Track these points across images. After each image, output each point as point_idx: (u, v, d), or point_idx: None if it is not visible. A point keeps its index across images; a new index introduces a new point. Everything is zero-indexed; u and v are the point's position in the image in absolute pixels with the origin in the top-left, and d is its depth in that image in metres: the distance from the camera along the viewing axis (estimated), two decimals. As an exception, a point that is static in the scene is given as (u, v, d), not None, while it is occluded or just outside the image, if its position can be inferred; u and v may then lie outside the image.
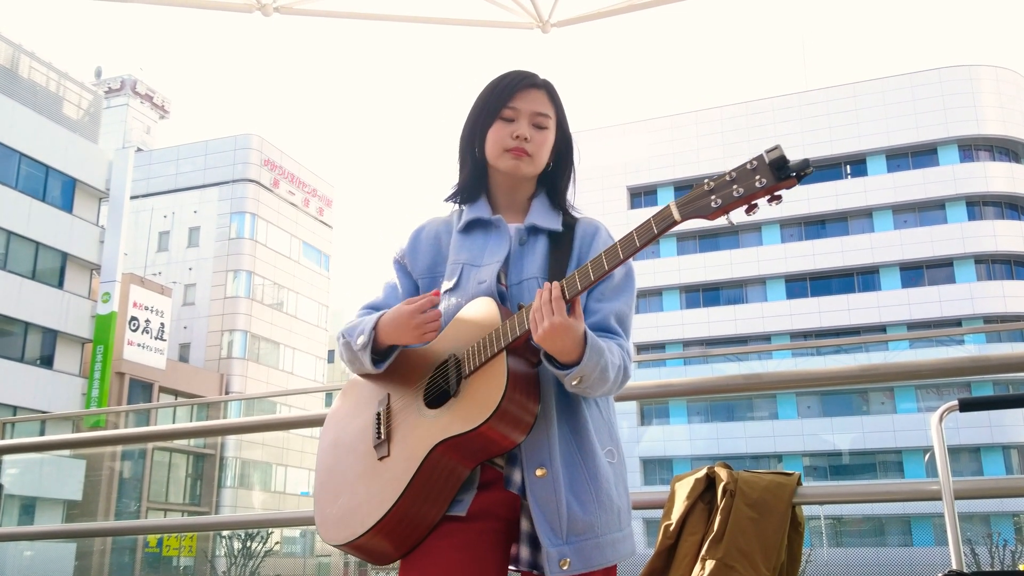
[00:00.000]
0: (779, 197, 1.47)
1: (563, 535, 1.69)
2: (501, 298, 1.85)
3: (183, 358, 39.51)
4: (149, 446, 31.35)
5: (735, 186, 1.48)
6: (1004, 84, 42.14)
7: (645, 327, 43.56)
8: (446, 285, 1.92)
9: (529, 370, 1.73)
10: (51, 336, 30.70)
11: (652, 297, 44.39)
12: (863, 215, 42.01)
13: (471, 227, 1.98)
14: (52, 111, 32.92)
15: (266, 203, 42.53)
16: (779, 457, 36.81)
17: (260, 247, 41.85)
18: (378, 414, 1.86)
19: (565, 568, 1.67)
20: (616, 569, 1.81)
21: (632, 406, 38.66)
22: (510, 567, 1.79)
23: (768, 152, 1.45)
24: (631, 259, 1.65)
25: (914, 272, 40.49)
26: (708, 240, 44.18)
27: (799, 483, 2.74)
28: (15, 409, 28.38)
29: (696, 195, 1.52)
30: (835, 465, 38.14)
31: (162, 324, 34.60)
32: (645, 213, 45.17)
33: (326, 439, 1.99)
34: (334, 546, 1.82)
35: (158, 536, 29.13)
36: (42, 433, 25.01)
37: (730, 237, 43.94)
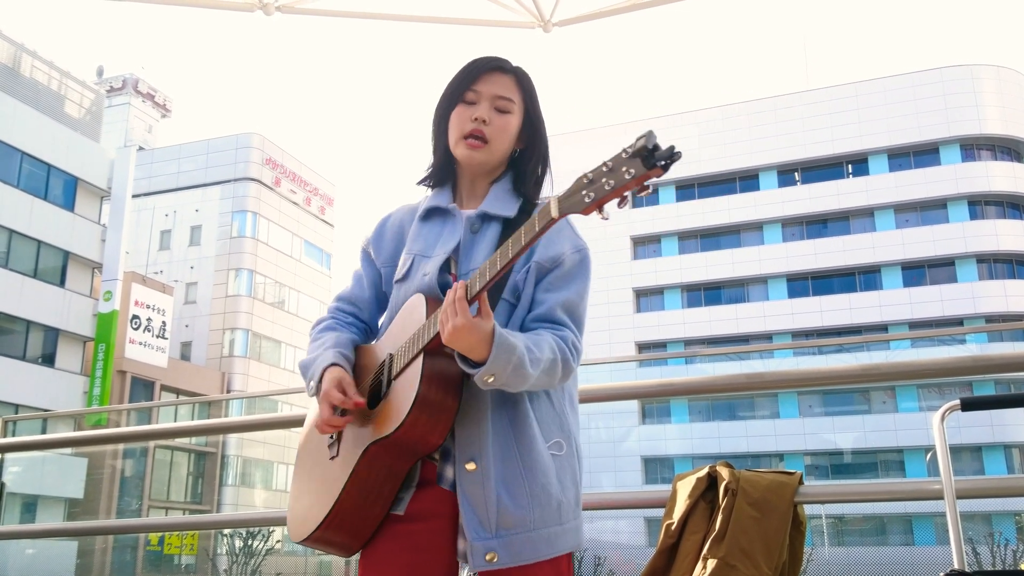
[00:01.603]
0: (648, 187, 1.42)
1: (492, 529, 1.68)
2: (446, 289, 1.81)
3: (185, 356, 39.54)
4: (151, 444, 31.35)
5: (605, 179, 1.43)
6: (1006, 83, 42.11)
7: (647, 326, 43.56)
8: (397, 275, 1.93)
9: (450, 368, 1.71)
10: (53, 334, 30.72)
11: (654, 296, 44.38)
12: (865, 214, 41.99)
13: (430, 215, 1.96)
14: (54, 110, 32.93)
15: (268, 202, 42.55)
16: (780, 456, 36.80)
17: (262, 246, 41.87)
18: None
19: (493, 561, 1.67)
20: (567, 562, 1.79)
21: (633, 405, 38.67)
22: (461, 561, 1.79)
23: (637, 140, 1.40)
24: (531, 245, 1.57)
25: (916, 271, 40.46)
26: (710, 239, 44.18)
27: (801, 482, 2.74)
28: (17, 407, 28.41)
29: (574, 189, 1.47)
30: (837, 464, 38.12)
31: (163, 322, 34.62)
32: (646, 212, 45.19)
33: (300, 441, 2.02)
34: (295, 542, 1.86)
35: (159, 534, 29.12)
36: (44, 431, 25.04)
37: (731, 236, 43.94)
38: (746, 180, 44.30)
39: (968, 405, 2.45)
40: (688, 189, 45.03)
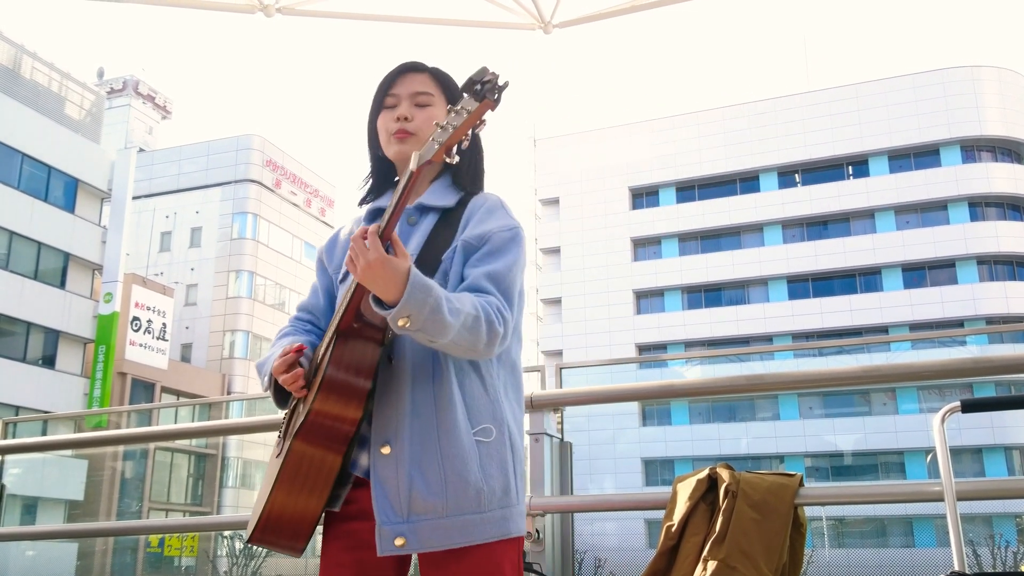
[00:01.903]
0: (483, 122, 1.49)
1: (404, 513, 1.68)
2: None
3: (185, 358, 39.54)
4: (151, 446, 31.34)
5: (448, 123, 1.51)
6: (1007, 85, 42.11)
7: (647, 327, 43.55)
8: (340, 276, 1.96)
9: (365, 351, 1.71)
10: (53, 336, 30.72)
11: (654, 298, 44.37)
12: (865, 216, 41.99)
13: (373, 217, 1.98)
14: (54, 111, 32.94)
15: (268, 204, 42.55)
16: (781, 458, 36.77)
17: (262, 247, 41.87)
18: (289, 410, 1.89)
19: (401, 546, 1.66)
20: (504, 551, 1.75)
21: (634, 407, 38.66)
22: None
23: (469, 77, 1.46)
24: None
25: (916, 273, 40.46)
26: (710, 241, 44.19)
27: (801, 484, 2.74)
28: (17, 409, 28.40)
29: (431, 139, 1.56)
30: (837, 466, 38.09)
31: (164, 324, 34.61)
32: (646, 214, 45.21)
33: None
34: (248, 544, 1.86)
35: (160, 536, 29.11)
36: (44, 433, 25.00)
37: (732, 238, 43.95)
38: (746, 181, 44.30)
39: (968, 407, 2.45)
40: (688, 190, 45.03)
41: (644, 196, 45.98)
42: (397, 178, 2.04)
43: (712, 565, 2.56)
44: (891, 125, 41.88)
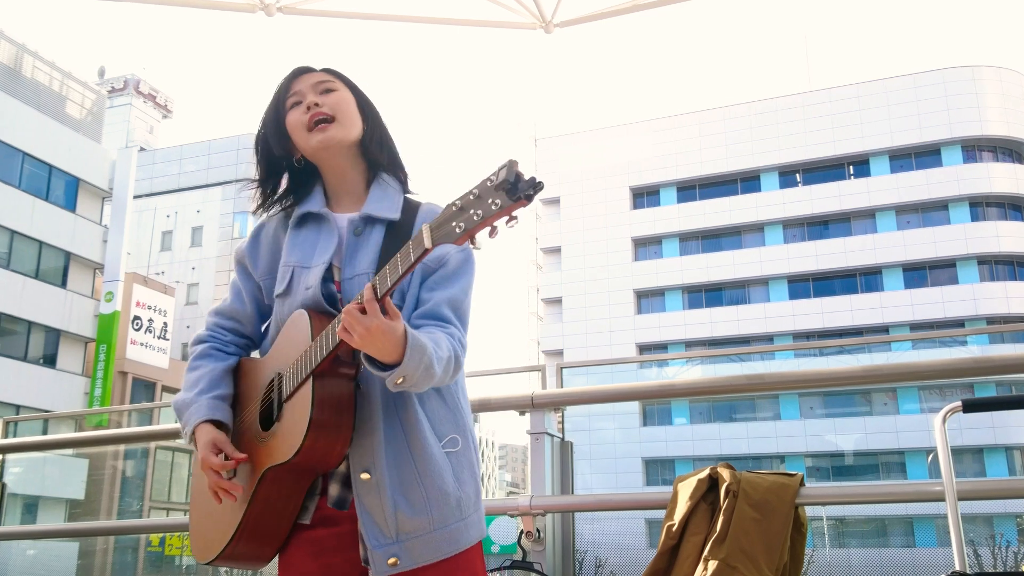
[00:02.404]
0: (516, 218, 1.42)
1: (392, 535, 1.70)
2: (331, 300, 1.80)
3: (186, 357, 39.42)
4: (152, 445, 31.20)
5: (473, 210, 1.42)
6: (1008, 85, 42.08)
7: (648, 327, 43.53)
8: (277, 290, 1.87)
9: (342, 388, 1.71)
10: (54, 335, 30.72)
11: (655, 297, 44.36)
12: (866, 216, 41.97)
13: (303, 222, 1.91)
14: (55, 110, 32.94)
15: (269, 203, 42.57)
16: (782, 458, 36.76)
17: (263, 247, 41.90)
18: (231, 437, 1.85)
19: (394, 565, 1.69)
20: (478, 551, 1.81)
21: (635, 406, 38.63)
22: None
23: (500, 169, 1.40)
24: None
25: (917, 273, 40.44)
26: (711, 240, 44.17)
27: (802, 484, 2.74)
28: (18, 408, 28.41)
29: (445, 218, 1.46)
30: (838, 466, 38.07)
31: (165, 323, 34.61)
32: (647, 213, 45.20)
33: (197, 461, 1.98)
34: (201, 563, 1.86)
35: (161, 535, 29.09)
36: (45, 432, 25.04)
37: (733, 237, 43.93)
38: (747, 181, 44.28)
39: (969, 407, 2.45)
40: (689, 190, 45.01)
41: (645, 195, 45.96)
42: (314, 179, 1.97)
43: (713, 565, 2.55)
44: (892, 125, 41.85)
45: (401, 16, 8.03)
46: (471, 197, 1.43)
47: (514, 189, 1.38)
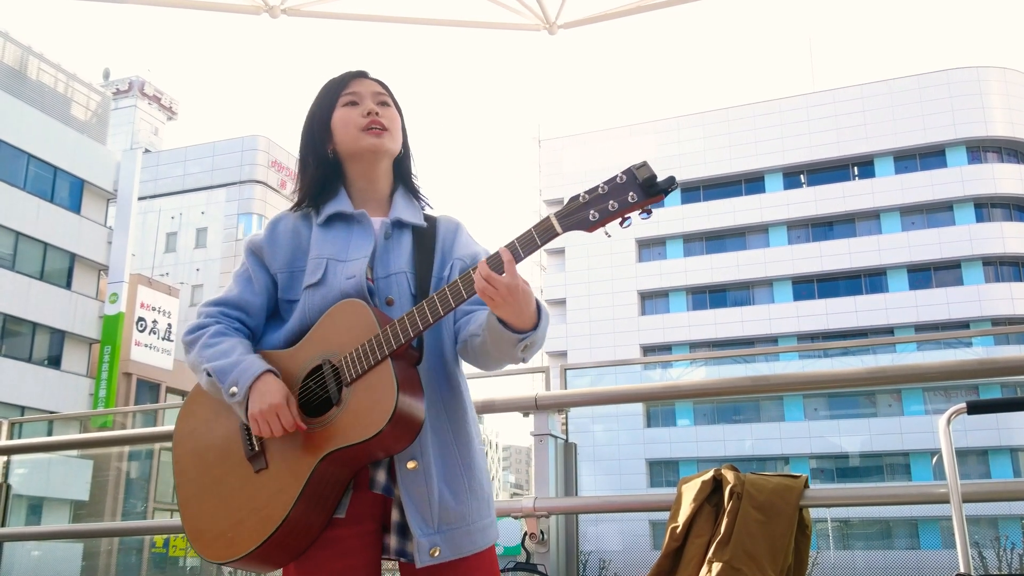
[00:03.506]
0: (650, 211, 1.58)
1: (434, 524, 1.72)
2: (369, 293, 1.83)
3: (190, 359, 39.60)
4: (156, 446, 31.25)
5: (610, 201, 1.58)
6: (1012, 85, 42.00)
7: (652, 328, 43.50)
8: (310, 280, 1.86)
9: (413, 372, 1.74)
10: (59, 336, 30.78)
11: (659, 299, 44.32)
12: (870, 217, 41.91)
13: (332, 221, 1.93)
14: (60, 112, 33.01)
15: (273, 204, 42.60)
16: (786, 459, 36.70)
17: (267, 248, 41.95)
18: (246, 425, 1.80)
19: (435, 556, 1.71)
20: (494, 553, 1.86)
21: (638, 408, 38.60)
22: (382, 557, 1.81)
23: (637, 169, 1.57)
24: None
25: (922, 274, 40.36)
26: (715, 242, 44.12)
27: (806, 486, 2.74)
28: (23, 409, 28.46)
29: (574, 208, 1.62)
30: (842, 468, 38.02)
31: (169, 325, 34.66)
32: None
33: (184, 449, 1.93)
34: (217, 563, 1.78)
35: (165, 536, 29.15)
36: (50, 433, 25.06)
37: (737, 239, 43.88)
38: (751, 182, 44.23)
39: (974, 408, 2.45)
40: (693, 191, 44.96)
41: (649, 197, 45.90)
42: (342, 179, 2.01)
43: (717, 567, 2.55)
44: (896, 126, 41.79)
45: (405, 18, 8.03)
46: (600, 192, 1.60)
47: (652, 186, 1.56)
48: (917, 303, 39.49)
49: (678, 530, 2.72)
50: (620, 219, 1.58)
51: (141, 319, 33.07)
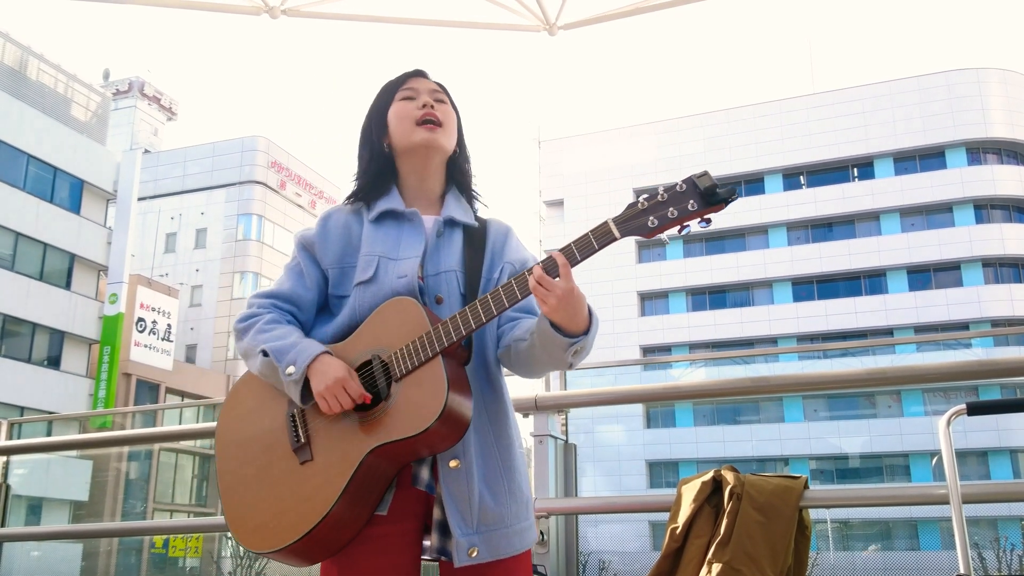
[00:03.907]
0: (709, 220, 1.60)
1: (473, 525, 1.73)
2: (419, 291, 1.84)
3: (190, 359, 39.59)
4: (156, 447, 31.35)
5: (670, 208, 1.61)
6: (1012, 87, 42.01)
7: (651, 329, 43.50)
8: (361, 277, 1.88)
9: (461, 373, 1.76)
10: (58, 337, 30.78)
11: (658, 299, 44.32)
12: (870, 218, 41.91)
13: (383, 218, 1.95)
14: (60, 113, 33.02)
15: (273, 205, 42.61)
16: (786, 460, 36.71)
17: (267, 249, 41.92)
18: (292, 416, 1.81)
19: (473, 556, 1.71)
20: (530, 556, 1.86)
21: (638, 408, 38.62)
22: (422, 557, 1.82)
23: (698, 178, 1.61)
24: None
25: (921, 275, 40.37)
26: (714, 243, 44.12)
27: (806, 486, 2.74)
28: (22, 410, 28.46)
29: (632, 214, 1.63)
30: (842, 469, 38.02)
31: (169, 325, 34.66)
32: (651, 215, 45.11)
33: (228, 438, 1.91)
34: (258, 553, 1.77)
35: (164, 537, 29.14)
36: (49, 434, 25.04)
37: (736, 240, 43.87)
38: (751, 183, 44.23)
39: (974, 410, 2.45)
40: (693, 192, 44.92)
41: (648, 198, 45.92)
42: (393, 178, 2.03)
43: (717, 568, 2.55)
44: (896, 127, 41.80)
45: (405, 19, 8.03)
46: (659, 200, 1.61)
47: (713, 195, 1.59)
48: (917, 304, 39.49)
49: (678, 531, 2.72)
50: (679, 226, 1.61)
51: (141, 319, 33.06)
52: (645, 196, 1.62)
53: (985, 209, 40.58)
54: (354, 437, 1.72)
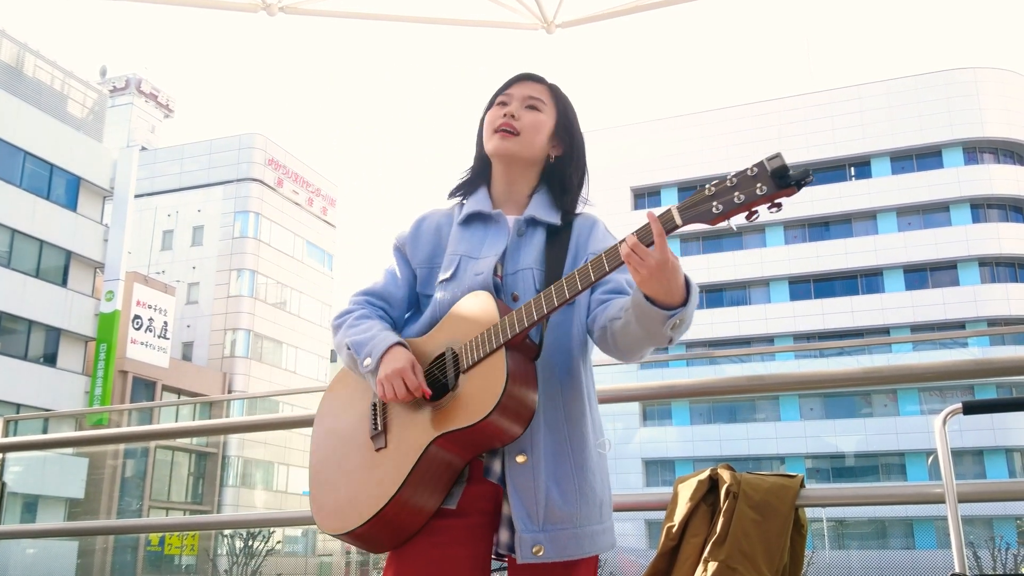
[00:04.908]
0: (779, 204, 1.50)
1: (539, 522, 1.72)
2: (496, 289, 1.87)
3: (186, 357, 39.55)
4: (152, 444, 31.38)
5: (736, 192, 1.51)
6: (1009, 86, 42.08)
7: (648, 328, 43.49)
8: (443, 276, 1.94)
9: (528, 364, 1.75)
10: (55, 334, 30.75)
11: (655, 298, 44.31)
12: (867, 217, 41.96)
13: (471, 220, 2.00)
14: (57, 110, 32.98)
15: (270, 202, 42.57)
16: (782, 459, 36.76)
17: (264, 246, 41.89)
18: (374, 405, 1.88)
19: (539, 554, 1.70)
20: (597, 560, 1.85)
21: (634, 407, 38.63)
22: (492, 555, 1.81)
23: (769, 160, 1.48)
24: None
25: (918, 274, 40.43)
26: (711, 241, 44.14)
27: (802, 485, 2.74)
28: (18, 407, 28.43)
29: (697, 200, 1.55)
30: (838, 467, 38.08)
31: (165, 322, 34.63)
32: (647, 216, 45.13)
33: (321, 427, 2.00)
34: (332, 535, 1.83)
35: (160, 535, 29.15)
36: (45, 431, 25.05)
37: (734, 239, 43.89)
38: (748, 182, 44.22)
39: (970, 409, 2.45)
40: (690, 191, 44.26)
41: (646, 196, 45.97)
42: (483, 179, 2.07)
43: (713, 566, 2.55)
44: (893, 126, 41.84)
45: (403, 16, 8.02)
46: (727, 184, 1.52)
47: (785, 177, 1.47)
48: (913, 303, 39.55)
49: (674, 529, 2.73)
50: (747, 212, 1.51)
51: (137, 317, 33.04)
52: (714, 181, 1.54)
53: (981, 208, 40.65)
54: (423, 426, 1.76)
